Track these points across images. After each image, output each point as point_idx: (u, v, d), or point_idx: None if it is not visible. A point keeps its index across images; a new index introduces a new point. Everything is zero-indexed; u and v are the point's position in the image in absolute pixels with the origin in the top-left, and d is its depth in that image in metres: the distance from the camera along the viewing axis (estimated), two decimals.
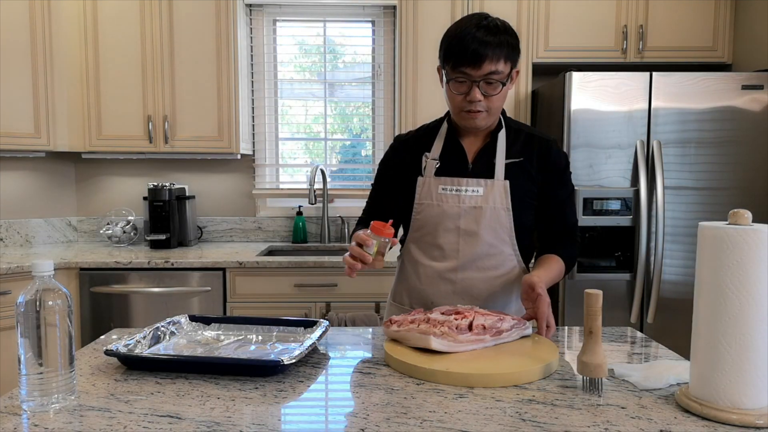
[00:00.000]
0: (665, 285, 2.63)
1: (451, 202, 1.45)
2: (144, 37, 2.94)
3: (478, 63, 1.31)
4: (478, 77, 1.33)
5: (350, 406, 0.97)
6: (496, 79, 1.34)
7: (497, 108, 1.40)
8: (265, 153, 3.40)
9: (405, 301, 1.57)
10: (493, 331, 1.20)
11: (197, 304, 2.69)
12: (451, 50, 1.34)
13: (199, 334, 1.34)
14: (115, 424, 0.90)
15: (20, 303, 0.94)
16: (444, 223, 1.46)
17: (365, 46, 3.39)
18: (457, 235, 1.45)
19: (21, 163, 3.13)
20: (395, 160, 1.56)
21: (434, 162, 1.48)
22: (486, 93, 1.35)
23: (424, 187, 1.48)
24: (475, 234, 1.44)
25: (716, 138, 2.59)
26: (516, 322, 1.26)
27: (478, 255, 1.45)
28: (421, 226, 1.50)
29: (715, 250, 0.90)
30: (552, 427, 0.89)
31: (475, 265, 1.46)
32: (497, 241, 1.46)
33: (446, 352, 1.15)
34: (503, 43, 1.32)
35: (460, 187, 1.45)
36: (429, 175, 1.48)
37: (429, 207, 1.47)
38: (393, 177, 1.56)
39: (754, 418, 0.88)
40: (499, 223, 1.44)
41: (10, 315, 2.48)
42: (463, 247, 1.45)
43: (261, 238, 3.38)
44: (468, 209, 1.44)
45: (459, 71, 1.34)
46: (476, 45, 1.30)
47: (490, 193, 1.43)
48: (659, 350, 1.30)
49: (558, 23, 2.96)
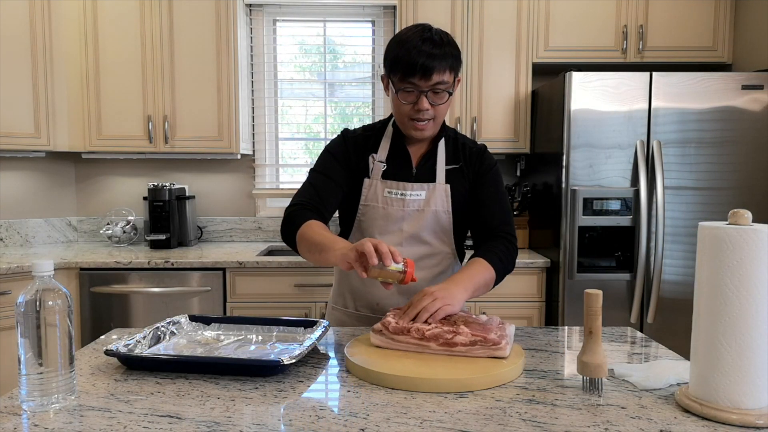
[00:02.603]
0: (665, 285, 2.63)
1: (395, 206, 1.48)
2: (144, 37, 2.94)
3: (427, 75, 1.35)
4: (426, 88, 1.38)
5: (350, 406, 0.97)
6: (443, 88, 1.39)
7: (442, 116, 1.46)
8: (265, 153, 3.40)
9: (349, 304, 1.58)
10: (440, 341, 1.16)
11: (197, 304, 2.69)
12: (398, 62, 1.37)
13: (199, 334, 1.34)
14: (115, 424, 0.90)
15: (20, 303, 0.94)
16: (388, 226, 1.49)
17: (365, 46, 3.39)
18: (400, 237, 1.49)
19: (21, 163, 3.13)
20: (343, 153, 1.53)
21: (381, 165, 1.50)
22: (433, 102, 1.40)
23: (371, 189, 1.50)
24: (417, 236, 1.50)
25: (716, 138, 2.59)
26: (480, 339, 1.15)
27: (420, 255, 1.50)
28: (366, 228, 1.52)
29: (715, 250, 0.90)
30: (552, 427, 0.89)
31: (418, 265, 1.48)
32: (438, 242, 1.52)
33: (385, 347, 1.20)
34: (448, 54, 1.37)
35: (405, 191, 1.48)
36: (376, 177, 1.50)
37: (374, 209, 1.50)
38: (341, 168, 1.51)
39: (754, 418, 0.88)
40: (439, 226, 1.50)
41: (10, 315, 2.48)
42: (406, 248, 1.49)
43: (261, 238, 3.38)
44: (411, 212, 1.49)
45: (408, 82, 1.38)
46: (423, 58, 1.34)
47: (432, 197, 1.49)
48: (659, 350, 1.30)
49: (558, 23, 2.96)
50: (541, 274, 2.77)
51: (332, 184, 1.49)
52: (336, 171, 1.50)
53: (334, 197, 1.49)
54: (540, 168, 2.99)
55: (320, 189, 1.48)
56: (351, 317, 1.57)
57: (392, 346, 1.20)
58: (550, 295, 2.76)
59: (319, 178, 1.50)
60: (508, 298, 2.75)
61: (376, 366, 1.09)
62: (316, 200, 1.46)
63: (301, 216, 1.41)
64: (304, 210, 1.43)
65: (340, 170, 1.51)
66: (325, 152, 1.55)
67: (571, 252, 2.62)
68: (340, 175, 1.50)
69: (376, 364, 1.10)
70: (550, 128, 2.80)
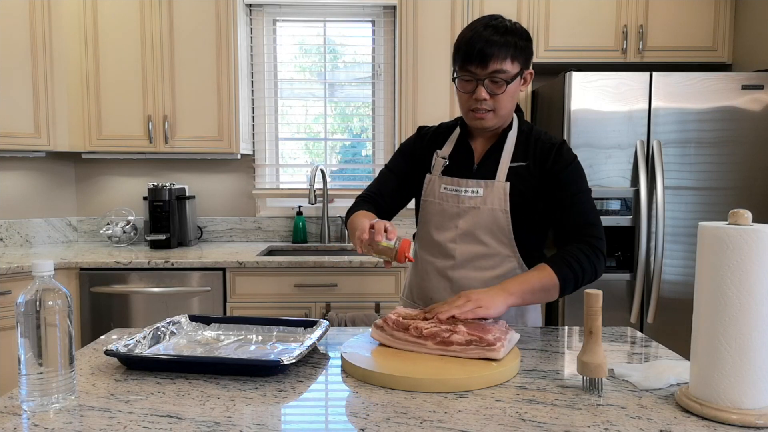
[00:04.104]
0: (665, 285, 2.63)
1: (451, 202, 1.48)
2: (144, 37, 2.94)
3: (483, 61, 1.34)
4: (483, 76, 1.36)
5: (350, 406, 0.97)
6: (502, 78, 1.36)
7: (504, 108, 1.41)
8: (265, 153, 3.40)
9: (413, 296, 1.61)
10: (437, 339, 1.16)
11: (197, 304, 2.69)
12: (459, 50, 1.39)
13: (199, 334, 1.34)
14: (115, 424, 0.90)
15: (20, 303, 0.94)
16: (443, 222, 1.49)
17: (365, 46, 3.39)
18: (455, 233, 1.48)
19: (21, 163, 3.13)
20: (410, 149, 1.60)
21: (443, 161, 1.52)
22: (491, 92, 1.37)
23: (430, 185, 1.53)
24: (472, 234, 1.46)
25: (716, 138, 2.59)
26: (476, 338, 1.14)
27: (475, 254, 1.47)
28: (425, 223, 1.55)
29: (715, 250, 0.90)
30: (552, 427, 0.89)
31: (472, 264, 1.47)
32: (495, 241, 1.46)
33: (383, 344, 1.21)
34: (509, 43, 1.35)
35: (460, 187, 1.47)
36: (436, 173, 1.52)
37: (432, 204, 1.52)
38: (405, 163, 1.60)
39: (754, 418, 0.88)
40: (497, 225, 1.45)
41: (10, 315, 2.48)
42: (460, 245, 1.47)
43: (261, 238, 3.38)
44: (467, 209, 1.47)
45: (465, 70, 1.38)
46: (482, 44, 1.34)
47: (489, 195, 1.45)
48: (659, 350, 1.30)
49: (558, 23, 2.96)
50: None
51: (393, 177, 1.59)
52: (399, 165, 1.60)
53: (395, 189, 1.58)
54: None
55: (381, 182, 1.60)
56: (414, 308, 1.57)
57: (390, 343, 1.20)
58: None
59: (384, 172, 1.63)
60: None
61: (370, 366, 1.09)
62: (375, 192, 1.58)
63: (357, 206, 1.54)
64: (362, 201, 1.57)
65: (403, 165, 1.60)
66: (397, 150, 1.65)
67: None
68: (403, 170, 1.59)
69: (370, 363, 1.11)
70: (550, 128, 2.79)
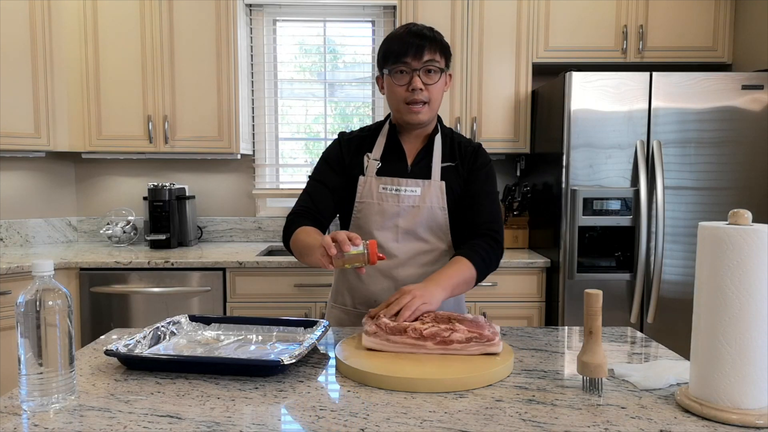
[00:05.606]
0: (665, 285, 2.63)
1: (390, 201, 1.51)
2: (144, 37, 2.94)
3: (418, 51, 1.42)
4: (418, 66, 1.43)
5: (350, 406, 0.97)
6: (436, 67, 1.44)
7: (436, 101, 1.49)
8: (265, 153, 3.40)
9: (347, 302, 1.59)
10: (437, 339, 1.16)
11: (197, 304, 2.69)
12: (391, 49, 1.45)
13: (199, 334, 1.34)
14: (115, 424, 0.90)
15: (20, 303, 0.94)
16: (383, 222, 1.51)
17: (365, 46, 3.39)
18: (396, 233, 1.51)
19: (21, 163, 3.13)
20: (338, 157, 1.58)
21: (375, 162, 1.53)
22: (426, 82, 1.44)
23: (365, 186, 1.53)
24: (413, 232, 1.51)
25: (716, 138, 2.59)
26: (476, 335, 1.16)
27: (416, 251, 1.52)
28: (362, 225, 1.54)
29: (715, 250, 0.90)
30: (552, 427, 0.89)
31: (415, 261, 1.52)
32: (434, 238, 1.53)
33: (378, 350, 1.18)
34: (437, 39, 1.46)
35: (400, 186, 1.51)
36: (370, 174, 1.53)
37: (369, 206, 1.52)
38: (335, 173, 1.57)
39: (754, 418, 0.88)
40: (435, 222, 1.52)
41: (10, 315, 2.48)
42: (402, 244, 1.51)
43: (261, 238, 3.38)
44: (406, 208, 1.50)
45: (401, 62, 1.43)
46: (415, 38, 1.43)
47: (427, 193, 1.50)
48: (659, 350, 1.30)
49: (558, 23, 2.96)
50: (541, 274, 2.77)
51: (326, 189, 1.55)
52: (329, 177, 1.57)
53: (329, 202, 1.56)
54: (540, 168, 2.99)
55: (314, 196, 1.55)
56: (350, 315, 1.58)
57: (386, 348, 1.18)
58: (550, 295, 2.76)
59: (314, 185, 1.58)
60: (508, 298, 2.75)
61: (372, 368, 1.09)
62: (311, 207, 1.54)
63: (295, 223, 1.49)
64: (298, 217, 1.51)
65: (333, 176, 1.56)
66: (321, 159, 1.61)
67: (571, 252, 2.62)
68: (334, 180, 1.56)
69: (371, 366, 1.10)
70: (550, 128, 2.80)
